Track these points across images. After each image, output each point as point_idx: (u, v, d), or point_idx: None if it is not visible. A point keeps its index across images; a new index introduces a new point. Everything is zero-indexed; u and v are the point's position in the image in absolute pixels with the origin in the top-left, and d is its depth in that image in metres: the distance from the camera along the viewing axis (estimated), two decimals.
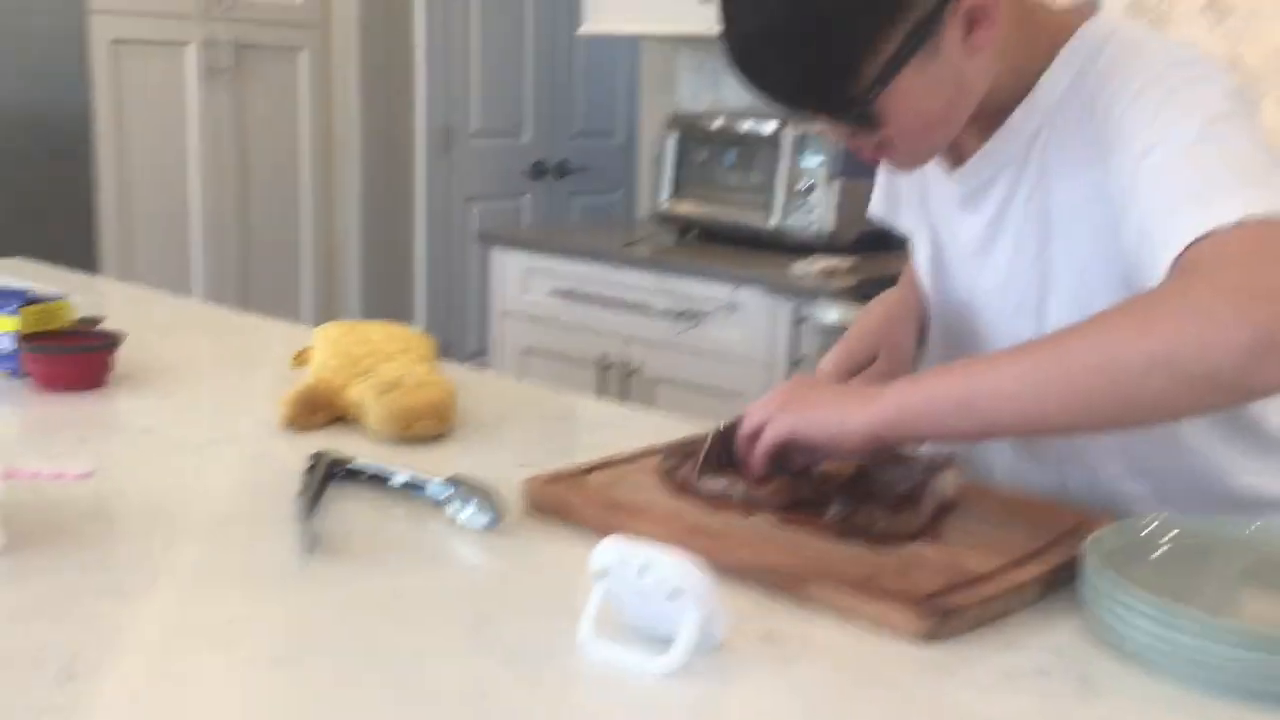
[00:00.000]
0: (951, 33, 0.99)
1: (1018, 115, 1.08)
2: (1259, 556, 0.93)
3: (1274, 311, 0.83)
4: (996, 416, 0.94)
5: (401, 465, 1.14)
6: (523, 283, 3.11)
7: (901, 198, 1.29)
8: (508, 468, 1.17)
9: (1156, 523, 0.96)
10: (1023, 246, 1.11)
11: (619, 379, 2.86)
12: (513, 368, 3.11)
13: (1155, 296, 0.90)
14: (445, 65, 4.27)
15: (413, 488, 1.11)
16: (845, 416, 0.99)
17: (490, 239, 3.22)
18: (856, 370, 1.23)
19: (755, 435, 1.06)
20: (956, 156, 1.14)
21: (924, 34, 0.98)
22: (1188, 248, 0.89)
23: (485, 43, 4.37)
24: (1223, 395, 0.88)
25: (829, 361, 1.24)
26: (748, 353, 2.67)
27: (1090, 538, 0.91)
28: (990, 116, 1.09)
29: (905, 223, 1.29)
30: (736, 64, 1.02)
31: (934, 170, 1.19)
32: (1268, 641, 0.77)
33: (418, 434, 1.27)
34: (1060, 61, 1.06)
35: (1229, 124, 0.96)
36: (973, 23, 1.00)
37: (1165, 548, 0.94)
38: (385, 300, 4.24)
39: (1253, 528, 0.97)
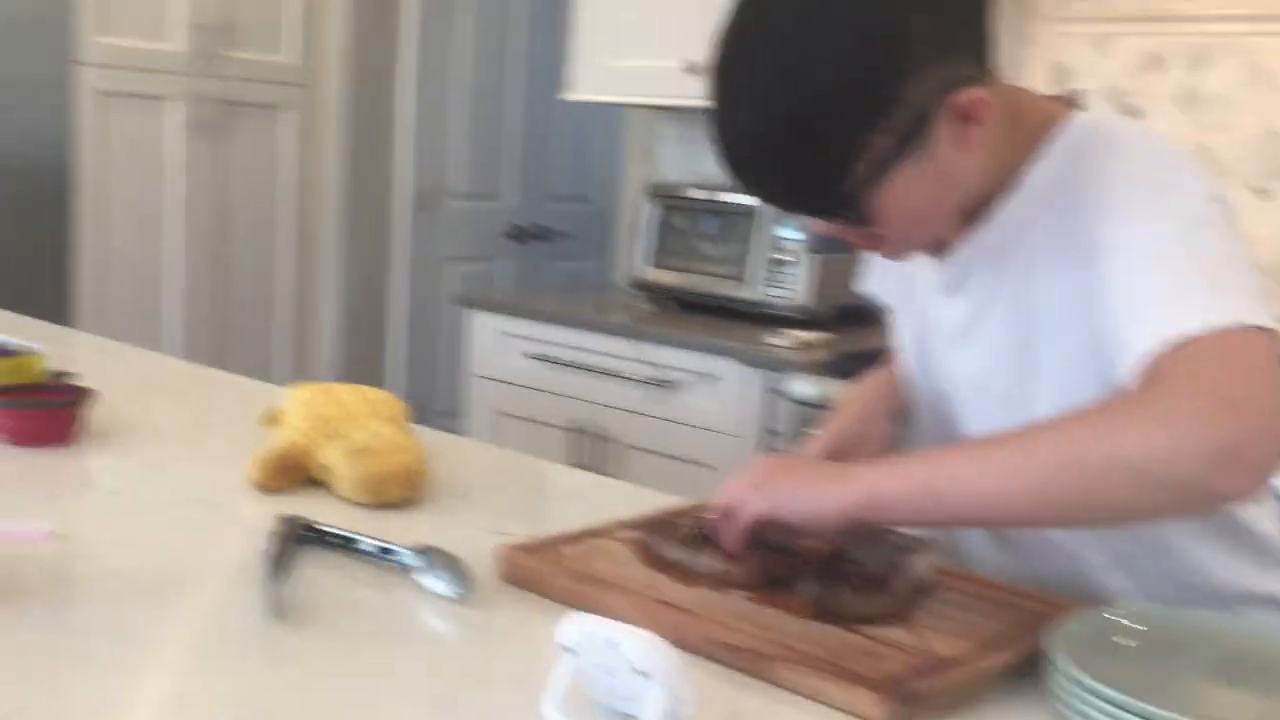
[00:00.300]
0: (943, 131, 0.99)
1: (1002, 207, 1.09)
2: (1229, 651, 0.93)
3: (1238, 421, 0.84)
4: (964, 507, 0.95)
5: (371, 530, 1.13)
6: (498, 345, 3.11)
7: (890, 276, 1.30)
8: (478, 535, 1.17)
9: (1126, 613, 0.96)
10: (1004, 338, 1.11)
11: (592, 445, 2.86)
12: (485, 430, 3.10)
13: (1124, 401, 0.91)
14: (428, 127, 4.30)
15: (383, 554, 1.10)
16: (820, 497, 1.00)
17: (468, 301, 3.22)
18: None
19: (729, 513, 1.06)
20: (939, 244, 1.14)
21: (915, 133, 0.98)
22: (1156, 353, 0.90)
23: (468, 106, 4.41)
24: (1185, 502, 0.90)
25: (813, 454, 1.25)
26: (721, 424, 2.67)
27: (1057, 625, 0.91)
28: (974, 207, 1.10)
29: (893, 301, 1.31)
30: (729, 167, 1.03)
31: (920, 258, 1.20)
32: None
33: (389, 499, 1.26)
34: (1045, 156, 1.07)
35: (1204, 229, 0.97)
36: (965, 120, 1.00)
37: (1134, 639, 0.94)
38: (358, 359, 4.23)
39: (1224, 621, 0.97)
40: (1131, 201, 0.99)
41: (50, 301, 3.31)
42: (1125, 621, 0.95)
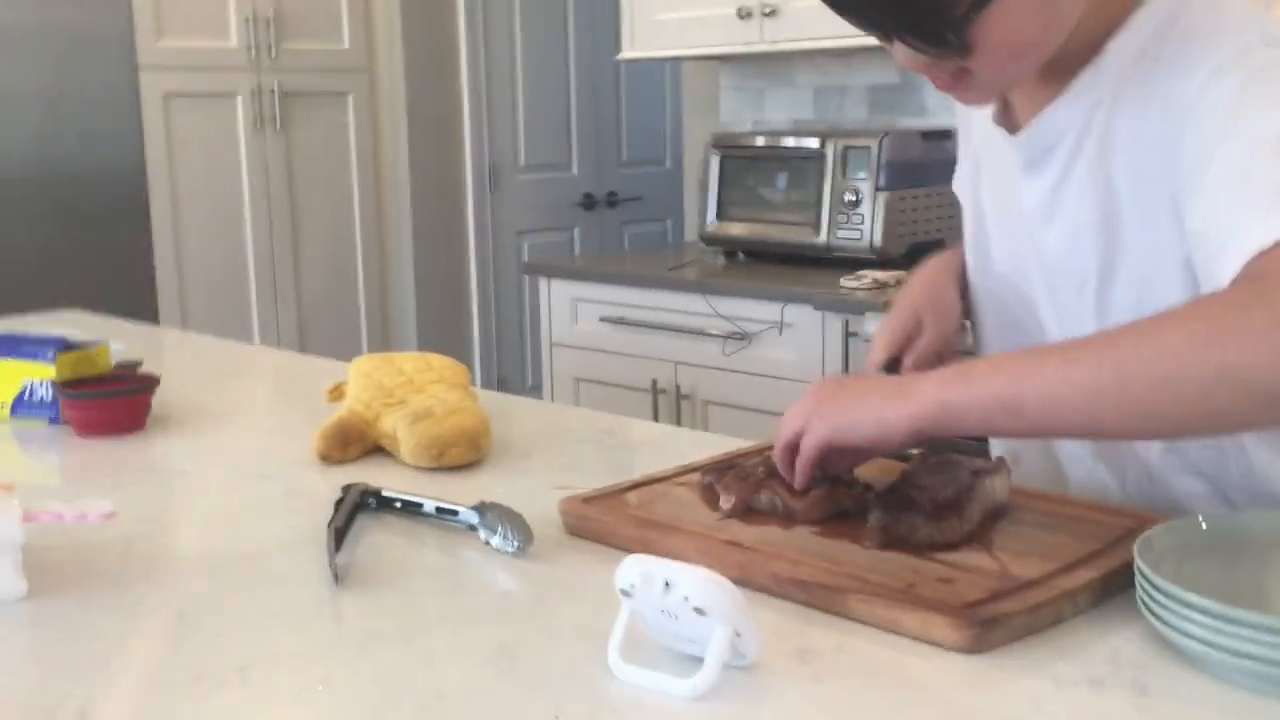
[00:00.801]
0: None
1: (1085, 77, 1.02)
2: None
3: None
4: (1047, 421, 0.89)
5: (435, 493, 1.12)
6: (571, 312, 3.10)
7: (965, 170, 1.25)
8: (543, 491, 1.15)
9: (1210, 521, 0.91)
10: (1086, 216, 1.05)
11: (671, 403, 2.83)
12: (566, 398, 3.09)
13: (1224, 304, 0.83)
14: (491, 103, 4.29)
15: (443, 514, 1.09)
16: (884, 415, 0.94)
17: (536, 270, 3.21)
18: (907, 339, 1.20)
19: (792, 445, 1.02)
20: (1014, 121, 1.10)
21: None
22: (1256, 256, 0.83)
23: (529, 79, 4.39)
24: None
25: (878, 335, 1.21)
26: (800, 371, 2.63)
27: (1140, 539, 0.86)
28: (1058, 76, 1.04)
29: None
30: None
31: (994, 137, 1.14)
32: None
33: (451, 461, 1.25)
34: (1134, 24, 1.00)
35: None
36: None
37: (1220, 546, 0.88)
38: (441, 337, 4.26)
39: None
40: (1236, 83, 0.92)
41: (136, 303, 3.38)
42: (1210, 529, 0.90)
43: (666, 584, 0.78)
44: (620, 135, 4.74)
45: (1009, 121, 1.11)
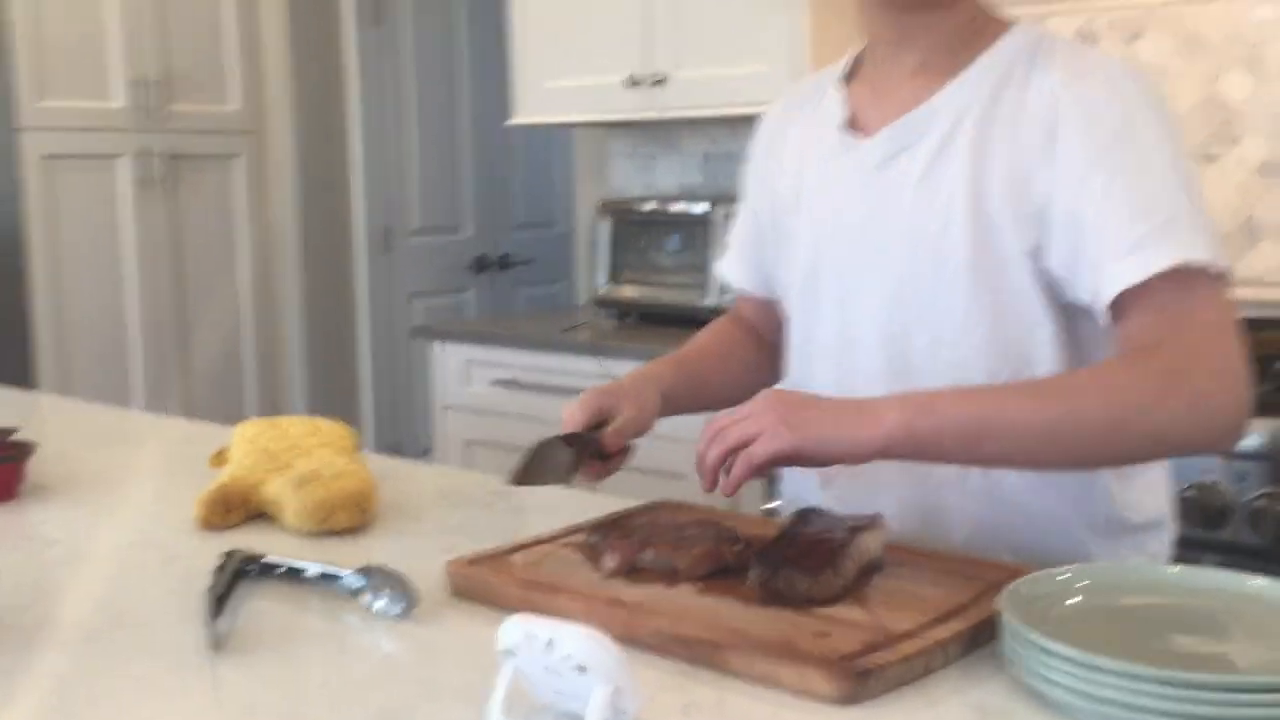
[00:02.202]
0: None
1: (955, 83, 1.16)
2: (1177, 601, 0.92)
3: (1239, 401, 1.02)
4: (999, 456, 1.04)
5: (320, 558, 1.11)
6: (464, 375, 3.09)
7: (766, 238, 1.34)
8: (431, 554, 1.15)
9: (1074, 572, 0.95)
10: (958, 196, 1.14)
11: None
12: (456, 461, 3.08)
13: (1163, 373, 1.01)
14: (382, 165, 4.29)
15: (327, 579, 1.08)
16: (858, 437, 1.01)
17: (428, 333, 3.21)
18: (604, 413, 1.24)
19: (735, 449, 1.03)
20: (863, 130, 1.22)
21: None
22: (1143, 283, 1.03)
23: (422, 141, 4.40)
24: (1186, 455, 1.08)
25: (579, 403, 1.24)
26: (691, 433, 2.65)
27: (1006, 590, 0.90)
28: (925, 83, 1.17)
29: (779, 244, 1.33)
30: None
31: (830, 155, 1.25)
32: (1186, 684, 0.76)
33: (337, 526, 1.24)
34: (1001, 46, 1.16)
35: (1181, 161, 1.08)
36: None
37: (1080, 596, 0.92)
38: (332, 402, 4.20)
39: (1169, 571, 0.96)
40: (1119, 117, 1.08)
41: (13, 369, 3.29)
42: (1074, 580, 0.94)
43: (549, 643, 0.79)
44: (513, 198, 4.77)
45: (857, 130, 1.23)
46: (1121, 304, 1.05)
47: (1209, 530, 1.93)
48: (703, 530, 1.09)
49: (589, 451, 1.21)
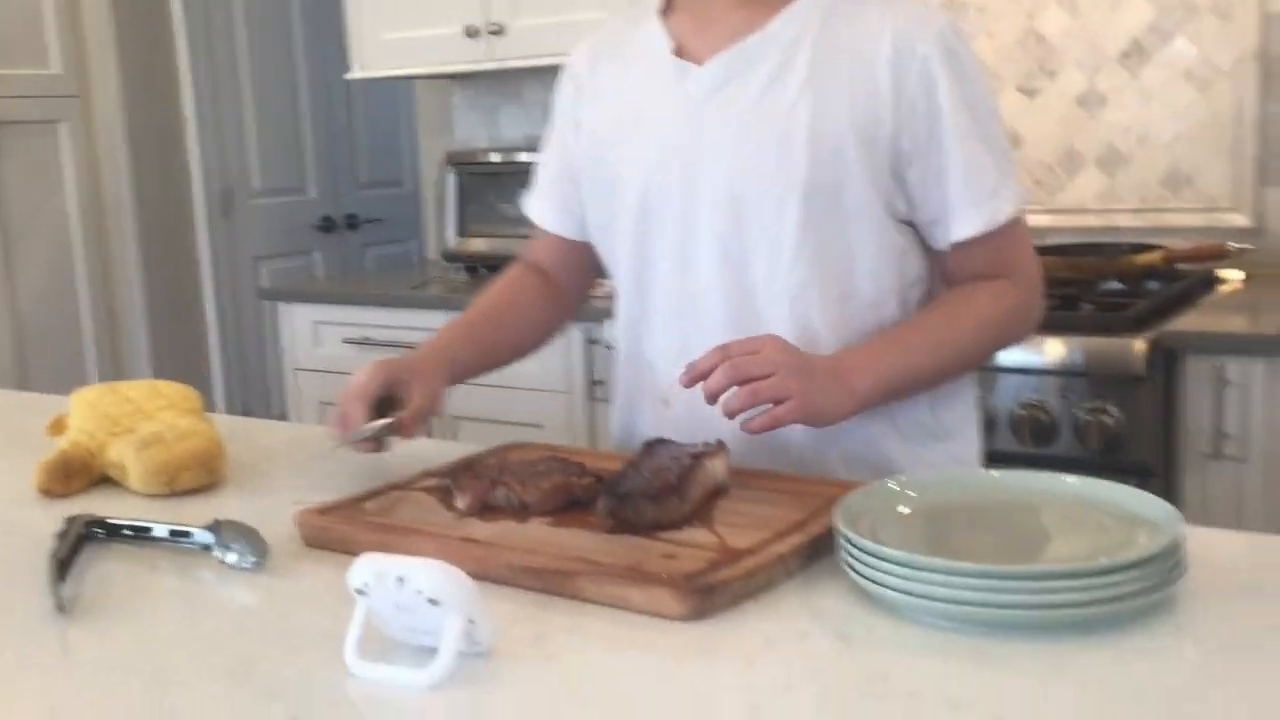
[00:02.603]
0: None
1: (785, 14, 1.23)
2: (995, 500, 0.99)
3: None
4: (930, 385, 1.25)
5: (169, 519, 1.10)
6: (314, 336, 3.05)
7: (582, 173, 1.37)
8: (282, 508, 1.15)
9: (902, 483, 1.01)
10: (797, 119, 1.21)
11: None
12: (313, 423, 3.04)
13: (1013, 309, 1.26)
14: (218, 126, 4.16)
15: (176, 537, 1.07)
16: (839, 409, 1.14)
17: (274, 295, 3.15)
18: (393, 385, 1.24)
19: (748, 380, 1.09)
20: (692, 58, 1.27)
21: None
22: (998, 228, 1.22)
23: (259, 101, 4.28)
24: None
25: (366, 377, 1.23)
26: (547, 382, 2.67)
27: (839, 503, 0.95)
28: (754, 14, 1.24)
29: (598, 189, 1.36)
30: None
31: (657, 81, 1.29)
32: (1001, 575, 0.82)
33: (184, 486, 1.23)
34: None
35: (998, 109, 1.27)
36: None
37: (908, 504, 0.98)
38: (179, 369, 4.09)
39: (991, 475, 1.02)
40: (952, 68, 1.20)
41: None
42: (903, 490, 0.99)
43: (399, 579, 0.81)
44: (357, 156, 4.68)
45: (688, 59, 1.27)
46: (963, 241, 1.24)
47: (1040, 446, 2.03)
48: (552, 466, 1.11)
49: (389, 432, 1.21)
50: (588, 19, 2.80)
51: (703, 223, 1.26)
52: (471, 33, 2.99)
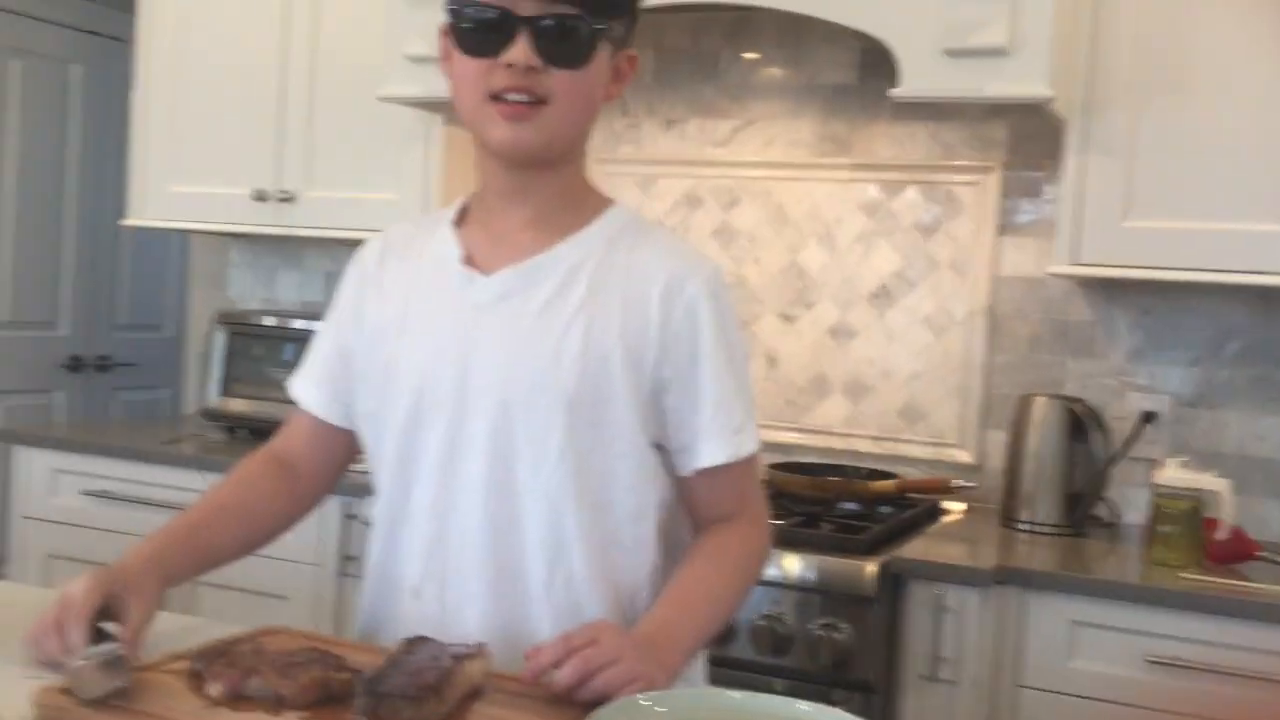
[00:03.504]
0: (608, 65, 1.31)
1: (571, 241, 1.33)
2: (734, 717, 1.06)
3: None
4: (709, 635, 1.33)
5: None
6: (50, 484, 2.90)
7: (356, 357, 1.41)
8: (13, 681, 1.10)
9: (654, 699, 1.06)
10: (571, 338, 1.29)
11: None
12: (35, 576, 2.86)
13: (755, 553, 1.40)
14: None
15: None
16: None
17: (10, 436, 2.99)
18: (108, 598, 1.20)
19: (578, 649, 1.12)
20: (481, 267, 1.34)
21: (620, 40, 1.31)
22: (732, 464, 1.34)
23: (17, 232, 4.13)
24: None
25: (82, 592, 1.19)
26: (300, 553, 2.62)
27: (591, 715, 0.99)
28: (546, 237, 1.33)
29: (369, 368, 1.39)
30: None
31: (443, 287, 1.35)
32: None
33: None
34: (607, 218, 1.36)
35: (747, 360, 1.42)
36: (618, 73, 1.33)
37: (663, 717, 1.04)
38: None
39: (734, 697, 1.09)
40: (712, 312, 1.33)
41: None
42: (656, 705, 1.05)
43: None
44: (117, 296, 4.54)
45: (476, 269, 1.34)
46: (707, 469, 1.35)
47: (775, 657, 2.13)
48: (310, 658, 1.11)
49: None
50: (380, 199, 2.88)
51: (473, 422, 1.31)
52: (260, 196, 3.02)
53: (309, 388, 1.47)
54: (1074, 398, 2.49)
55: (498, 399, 1.30)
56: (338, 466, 1.49)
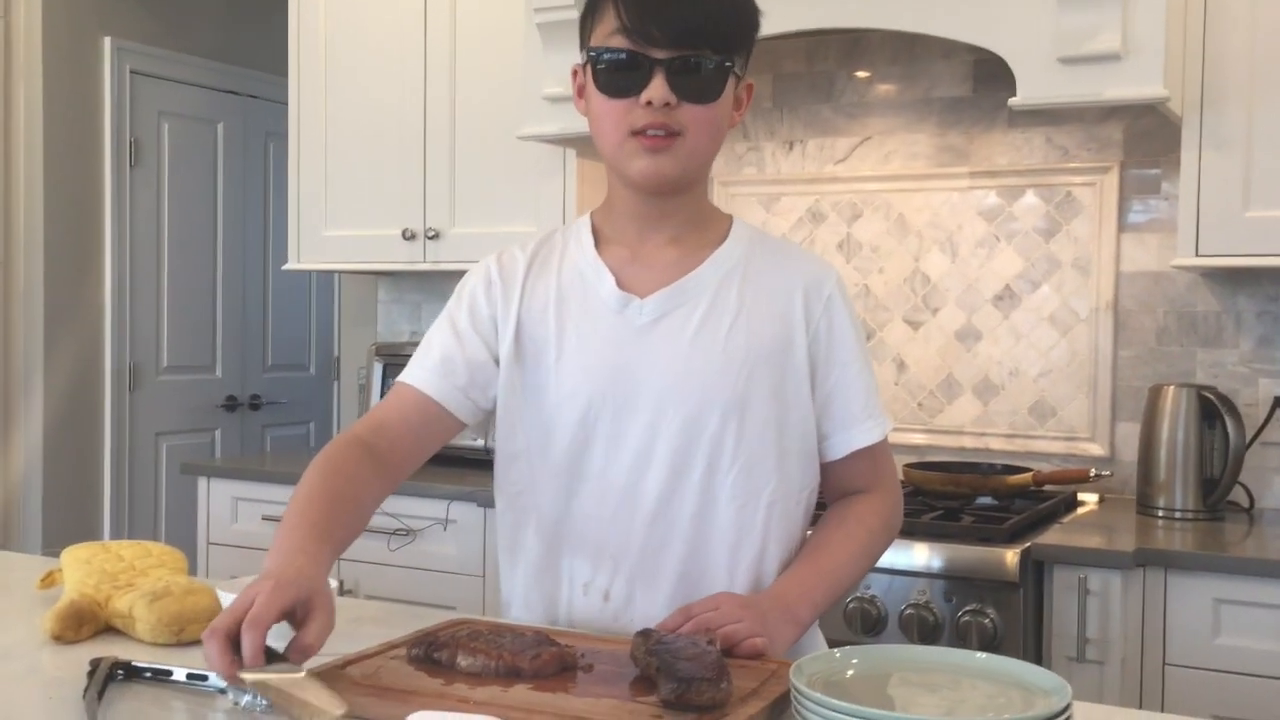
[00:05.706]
0: (730, 95, 1.41)
1: (710, 261, 1.45)
2: (921, 669, 1.18)
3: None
4: (841, 596, 1.49)
5: (179, 665, 1.21)
6: (231, 511, 3.13)
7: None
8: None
9: (841, 652, 1.19)
10: (735, 345, 1.43)
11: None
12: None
13: (885, 526, 1.53)
14: (131, 304, 4.28)
15: (194, 680, 1.19)
16: (791, 638, 1.36)
17: (193, 469, 3.23)
18: (286, 612, 1.15)
19: (714, 627, 1.28)
20: (635, 292, 1.44)
21: (741, 71, 1.42)
22: (875, 444, 1.50)
23: (174, 280, 4.43)
24: None
25: (261, 610, 1.11)
26: (461, 565, 2.80)
27: (794, 666, 1.12)
28: (685, 258, 1.45)
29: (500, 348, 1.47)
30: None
31: (599, 310, 1.44)
32: None
33: (190, 638, 1.34)
34: (734, 236, 1.49)
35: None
36: (739, 101, 1.43)
37: (853, 669, 1.16)
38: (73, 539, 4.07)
39: (917, 649, 1.21)
40: (845, 314, 1.49)
41: None
42: (847, 658, 1.18)
43: None
44: (266, 340, 4.83)
45: (627, 290, 1.44)
46: (860, 450, 1.51)
47: (926, 644, 2.24)
48: (518, 637, 1.23)
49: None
50: (520, 231, 3.06)
51: (647, 436, 1.42)
52: (409, 235, 3.23)
53: (422, 371, 1.47)
54: (1206, 386, 2.55)
55: (670, 412, 1.42)
56: (426, 454, 1.50)
